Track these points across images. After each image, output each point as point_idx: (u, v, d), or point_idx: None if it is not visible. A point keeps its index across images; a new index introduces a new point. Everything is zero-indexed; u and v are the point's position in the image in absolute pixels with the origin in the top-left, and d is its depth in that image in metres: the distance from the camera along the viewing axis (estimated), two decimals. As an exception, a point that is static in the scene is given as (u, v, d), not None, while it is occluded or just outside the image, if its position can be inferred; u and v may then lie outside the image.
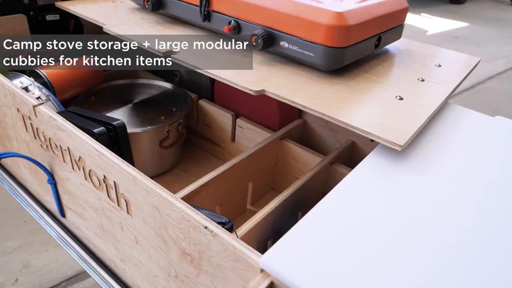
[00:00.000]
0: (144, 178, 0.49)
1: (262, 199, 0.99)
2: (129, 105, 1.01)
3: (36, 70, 0.93)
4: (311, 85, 0.71)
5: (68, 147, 0.61)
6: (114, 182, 0.54)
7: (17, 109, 0.70)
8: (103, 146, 0.54)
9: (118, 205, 0.56)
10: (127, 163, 0.52)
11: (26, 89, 0.76)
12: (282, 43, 0.76)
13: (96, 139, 0.63)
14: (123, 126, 0.66)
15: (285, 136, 0.93)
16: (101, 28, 0.94)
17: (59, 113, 0.70)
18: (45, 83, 0.96)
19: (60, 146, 0.63)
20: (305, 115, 1.01)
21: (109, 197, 0.57)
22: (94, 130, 0.63)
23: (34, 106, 0.64)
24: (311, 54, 0.73)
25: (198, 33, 0.91)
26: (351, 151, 0.94)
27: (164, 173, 1.04)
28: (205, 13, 0.85)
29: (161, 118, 0.96)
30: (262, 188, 0.97)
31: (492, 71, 3.83)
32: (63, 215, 0.77)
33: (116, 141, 0.66)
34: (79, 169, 0.61)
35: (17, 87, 0.68)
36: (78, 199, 0.68)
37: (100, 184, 0.58)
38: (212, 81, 1.09)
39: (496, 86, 3.55)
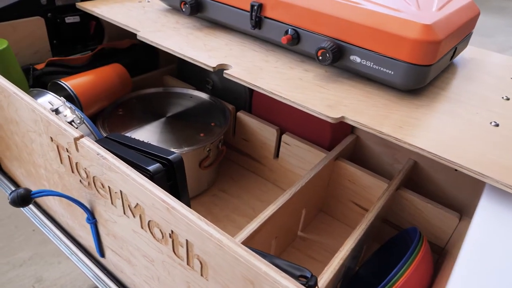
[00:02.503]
0: (234, 243, 0.40)
1: (313, 223, 0.90)
2: (162, 119, 0.91)
3: (59, 82, 0.82)
4: (392, 109, 0.61)
5: (120, 191, 0.51)
6: (187, 240, 0.45)
7: (51, 138, 0.60)
8: (174, 199, 0.44)
9: (188, 264, 0.47)
10: (207, 221, 0.42)
11: (56, 111, 0.66)
12: (352, 57, 0.66)
13: (151, 178, 0.54)
14: (180, 161, 0.57)
15: (339, 156, 0.84)
16: (123, 30, 0.84)
17: (98, 141, 0.59)
18: (69, 96, 0.85)
19: (109, 187, 0.53)
20: (357, 130, 0.91)
21: (176, 254, 0.48)
22: (149, 168, 0.53)
23: (76, 139, 0.53)
24: (389, 71, 0.64)
25: (245, 41, 0.81)
26: (414, 173, 0.85)
27: (201, 194, 0.94)
28: (257, 19, 0.75)
29: (200, 135, 0.86)
30: (312, 212, 0.88)
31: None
32: (102, 255, 0.67)
33: (172, 177, 0.56)
34: (134, 216, 0.52)
35: (50, 112, 0.58)
36: (126, 244, 0.58)
37: (163, 238, 0.49)
38: (251, 90, 0.98)
39: None
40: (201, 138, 0.85)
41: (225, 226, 0.86)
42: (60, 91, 0.87)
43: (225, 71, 0.67)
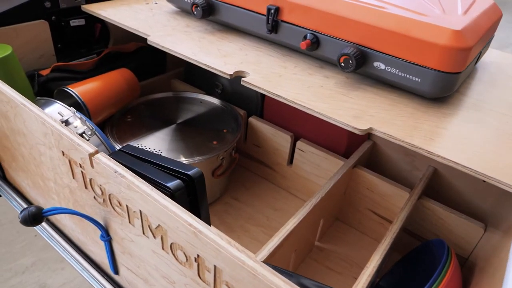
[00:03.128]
0: (269, 272, 0.37)
1: (329, 232, 0.87)
2: (172, 126, 0.88)
3: (66, 90, 0.79)
4: (420, 119, 0.58)
5: (140, 211, 0.48)
6: (215, 266, 0.42)
7: (62, 152, 0.57)
8: (202, 222, 0.41)
9: (215, 289, 0.45)
10: (238, 245, 0.39)
11: (66, 122, 0.63)
12: (376, 64, 0.64)
13: (172, 195, 0.51)
14: (201, 177, 0.54)
15: (357, 163, 0.81)
16: (129, 32, 0.80)
17: (112, 155, 0.56)
18: (77, 104, 0.82)
19: (127, 206, 0.50)
20: (374, 136, 0.89)
21: (201, 279, 0.45)
22: (169, 185, 0.50)
23: (91, 155, 0.50)
24: (416, 79, 0.61)
25: (260, 45, 0.78)
26: (434, 180, 0.82)
27: (213, 203, 0.91)
28: (273, 23, 0.72)
29: (213, 143, 0.83)
30: (329, 220, 0.86)
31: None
32: (116, 272, 0.64)
33: (192, 192, 0.54)
34: (155, 237, 0.49)
35: (62, 126, 0.55)
36: (143, 263, 0.55)
37: (187, 261, 0.46)
38: (264, 94, 0.95)
39: None
40: (214, 146, 0.82)
41: (239, 237, 0.84)
42: (67, 98, 0.84)
43: (242, 79, 0.64)
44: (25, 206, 0.82)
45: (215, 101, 0.97)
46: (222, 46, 0.75)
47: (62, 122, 0.62)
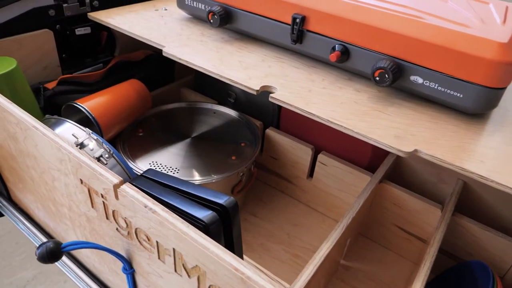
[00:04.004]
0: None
1: (353, 248, 0.84)
2: (187, 140, 0.83)
3: (75, 105, 0.74)
4: (465, 138, 0.55)
5: (173, 249, 0.44)
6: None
7: (81, 180, 0.52)
8: (249, 267, 0.37)
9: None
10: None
11: (81, 145, 0.58)
12: (413, 78, 0.60)
13: (206, 229, 0.46)
14: (235, 206, 0.49)
15: (383, 178, 0.78)
16: (135, 40, 0.76)
17: (134, 181, 0.52)
18: (86, 120, 0.77)
19: (157, 242, 0.46)
20: (398, 148, 0.85)
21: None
22: (202, 219, 0.46)
23: (116, 187, 0.46)
24: (458, 94, 0.57)
25: (282, 56, 0.73)
26: (464, 195, 0.79)
27: (230, 220, 0.87)
28: (298, 33, 0.67)
29: (231, 158, 0.79)
30: (353, 237, 0.82)
31: None
32: (138, 303, 0.60)
33: (225, 224, 0.49)
34: (189, 277, 0.45)
35: (80, 152, 0.50)
36: (172, 299, 0.51)
37: (229, 305, 0.42)
38: (280, 106, 0.91)
39: None
40: (233, 161, 0.78)
41: (261, 257, 0.80)
42: (76, 114, 0.79)
43: (271, 95, 0.60)
44: (31, 228, 0.77)
45: (229, 111, 0.93)
46: (243, 57, 0.71)
47: (77, 145, 0.57)
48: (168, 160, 0.77)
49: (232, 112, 0.92)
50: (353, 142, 0.83)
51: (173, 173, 0.74)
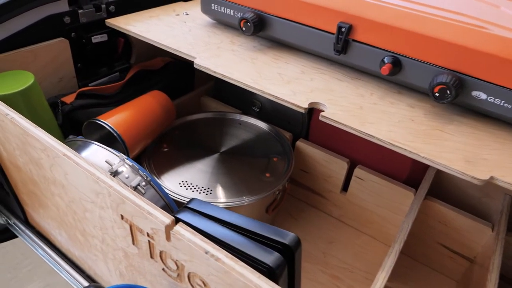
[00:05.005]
0: None
1: (394, 267, 0.79)
2: (215, 156, 0.78)
3: (98, 122, 0.68)
4: (538, 160, 0.50)
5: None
6: None
7: (121, 216, 0.47)
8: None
9: None
10: None
11: (115, 173, 0.52)
12: (475, 93, 0.55)
13: (271, 274, 0.41)
14: (298, 244, 0.44)
15: (427, 194, 0.73)
16: (152, 46, 0.71)
17: (180, 214, 0.47)
18: (110, 137, 0.71)
19: (216, 289, 0.41)
20: (438, 160, 0.80)
21: None
22: (267, 262, 0.41)
23: (168, 228, 0.41)
24: (528, 112, 0.52)
25: (321, 66, 0.68)
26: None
27: (262, 239, 0.82)
28: (344, 43, 0.62)
29: (265, 175, 0.74)
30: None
31: None
32: None
33: (289, 264, 0.44)
34: (255, 328, 0.40)
35: (123, 187, 0.44)
36: None
37: None
38: (310, 114, 0.86)
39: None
40: (267, 179, 0.73)
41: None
42: (97, 131, 0.73)
43: (322, 113, 0.55)
44: (53, 255, 0.71)
45: (255, 122, 0.88)
46: (281, 69, 0.65)
47: (111, 174, 0.52)
48: (198, 179, 0.72)
49: (259, 123, 0.87)
50: (390, 155, 0.78)
51: (206, 194, 0.68)
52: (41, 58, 0.73)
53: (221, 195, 0.68)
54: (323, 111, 0.56)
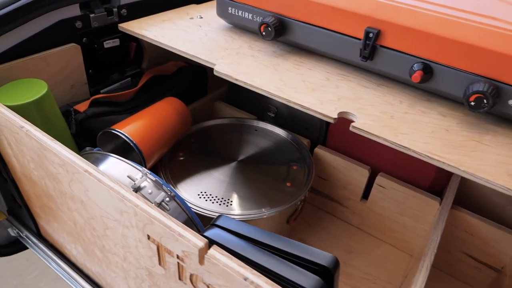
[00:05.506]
0: None
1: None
2: (233, 164, 0.75)
3: (113, 131, 0.65)
4: None
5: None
6: None
7: (148, 236, 0.44)
8: None
9: None
10: None
11: (138, 189, 0.50)
12: (513, 102, 0.53)
13: (310, 299, 0.39)
14: (337, 265, 0.42)
15: (454, 203, 0.71)
16: (163, 50, 0.68)
17: (207, 232, 0.44)
18: (126, 147, 0.69)
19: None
20: (462, 167, 0.78)
21: None
22: (306, 287, 0.39)
23: (202, 251, 0.38)
24: None
25: (346, 72, 0.66)
26: (540, 219, 0.73)
27: (281, 249, 0.80)
28: (371, 49, 0.60)
29: (286, 185, 0.71)
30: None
31: None
32: None
33: (328, 286, 0.42)
34: None
35: (148, 204, 0.42)
36: None
37: None
38: (328, 123, 0.84)
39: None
40: (288, 189, 0.71)
41: (320, 292, 0.73)
42: (112, 140, 0.71)
43: (352, 124, 0.53)
44: (68, 270, 0.69)
45: (271, 128, 0.85)
46: (304, 76, 0.63)
47: (134, 190, 0.49)
48: (217, 189, 0.69)
49: (275, 129, 0.85)
50: (413, 162, 0.76)
51: (226, 206, 0.66)
52: (53, 65, 0.70)
53: (241, 207, 0.66)
54: (353, 121, 0.54)
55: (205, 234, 0.44)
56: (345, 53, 0.63)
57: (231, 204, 0.66)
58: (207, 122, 0.85)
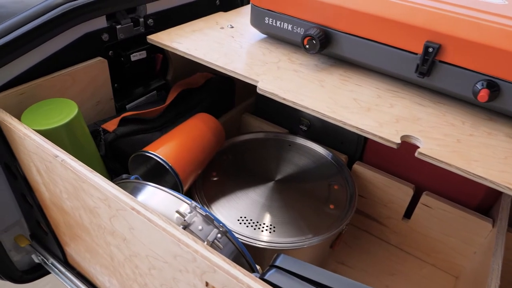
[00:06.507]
0: None
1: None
2: (270, 184, 0.71)
3: (147, 154, 0.61)
4: None
5: None
6: None
7: (206, 282, 0.40)
8: None
9: None
10: None
11: (187, 226, 0.45)
12: None
13: None
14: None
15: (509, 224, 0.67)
16: (188, 60, 0.64)
17: (272, 277, 0.40)
18: (161, 169, 0.64)
19: None
20: (511, 184, 0.74)
21: None
22: None
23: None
24: None
25: (396, 88, 0.61)
26: None
27: (320, 273, 0.75)
28: (430, 65, 0.55)
29: (329, 207, 0.67)
30: (466, 291, 0.71)
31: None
32: None
33: None
34: None
35: (203, 246, 0.38)
36: None
37: None
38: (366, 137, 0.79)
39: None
40: (332, 212, 0.66)
41: (366, 320, 0.68)
42: (144, 163, 0.66)
43: (419, 150, 0.48)
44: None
45: (305, 142, 0.81)
46: (355, 93, 0.58)
47: (183, 227, 0.45)
48: (256, 213, 0.65)
49: (310, 144, 0.80)
50: (460, 180, 0.71)
51: (269, 232, 0.62)
52: (80, 81, 0.65)
53: (284, 233, 0.62)
54: (416, 145, 0.49)
55: (269, 279, 0.40)
56: (398, 68, 0.59)
57: (274, 231, 0.62)
58: (239, 138, 0.80)
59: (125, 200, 0.42)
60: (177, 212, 0.45)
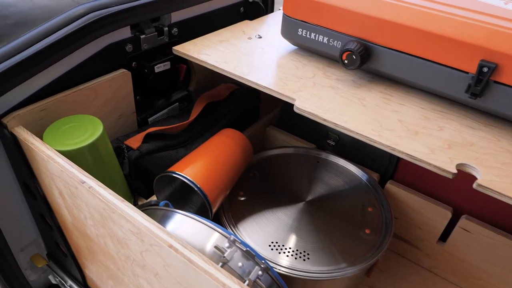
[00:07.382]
0: None
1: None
2: (301, 205, 0.67)
3: (174, 175, 0.57)
4: None
5: None
6: None
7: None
8: None
9: None
10: None
11: (226, 263, 0.41)
12: None
13: None
14: None
15: (555, 254, 0.62)
16: (211, 70, 0.60)
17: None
18: (181, 189, 0.60)
19: None
20: (556, 208, 0.69)
21: None
22: None
23: None
24: None
25: (443, 109, 0.57)
26: None
27: (351, 298, 0.72)
28: (484, 86, 0.51)
29: (365, 232, 0.63)
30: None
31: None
32: None
33: None
34: None
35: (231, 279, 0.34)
36: None
37: None
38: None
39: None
40: (368, 237, 0.62)
41: None
42: (170, 183, 0.63)
43: (477, 182, 0.44)
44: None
45: (335, 159, 0.76)
46: (399, 114, 0.54)
47: (222, 264, 0.41)
48: (288, 238, 0.61)
49: (340, 161, 0.76)
50: (505, 205, 0.67)
51: (304, 260, 0.58)
52: (102, 95, 0.62)
53: (318, 261, 0.58)
54: (473, 175, 0.45)
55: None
56: (447, 87, 0.55)
57: (308, 258, 0.58)
58: (266, 153, 0.76)
59: (162, 236, 0.39)
60: (216, 247, 0.41)
